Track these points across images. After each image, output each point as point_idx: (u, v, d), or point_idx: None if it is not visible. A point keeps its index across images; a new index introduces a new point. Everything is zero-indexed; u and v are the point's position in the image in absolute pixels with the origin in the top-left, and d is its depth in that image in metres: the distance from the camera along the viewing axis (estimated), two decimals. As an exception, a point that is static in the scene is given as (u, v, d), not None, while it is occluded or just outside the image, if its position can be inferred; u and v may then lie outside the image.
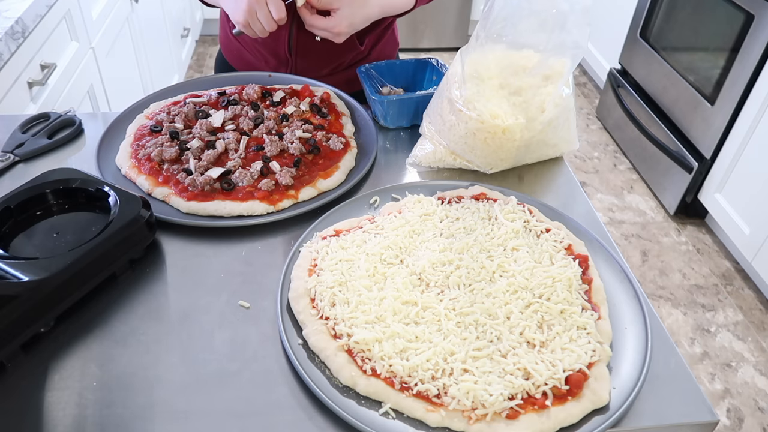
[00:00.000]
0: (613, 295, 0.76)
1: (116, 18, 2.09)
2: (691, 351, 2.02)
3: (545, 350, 0.68)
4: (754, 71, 2.07)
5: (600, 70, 3.34)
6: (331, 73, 1.25)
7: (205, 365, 0.69)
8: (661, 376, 0.68)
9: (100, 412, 0.63)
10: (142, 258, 0.81)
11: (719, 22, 2.24)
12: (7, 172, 0.95)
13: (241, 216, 0.87)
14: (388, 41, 1.31)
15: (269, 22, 0.99)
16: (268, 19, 0.99)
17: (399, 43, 1.37)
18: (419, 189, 0.92)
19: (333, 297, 0.72)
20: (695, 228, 2.51)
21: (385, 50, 1.30)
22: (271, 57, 1.22)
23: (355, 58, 1.25)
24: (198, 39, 3.74)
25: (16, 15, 1.35)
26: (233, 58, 1.29)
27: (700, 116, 2.35)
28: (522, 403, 0.63)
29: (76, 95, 1.72)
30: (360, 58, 1.25)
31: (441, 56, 3.72)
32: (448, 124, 0.95)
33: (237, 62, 1.29)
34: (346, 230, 0.83)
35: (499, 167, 0.98)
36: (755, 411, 1.84)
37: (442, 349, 0.66)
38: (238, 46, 1.26)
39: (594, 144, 3.02)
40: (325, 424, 0.63)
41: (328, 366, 0.67)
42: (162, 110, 1.05)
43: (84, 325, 0.73)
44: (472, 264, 0.77)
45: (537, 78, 0.93)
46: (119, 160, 0.95)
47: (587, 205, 0.93)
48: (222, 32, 1.30)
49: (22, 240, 0.78)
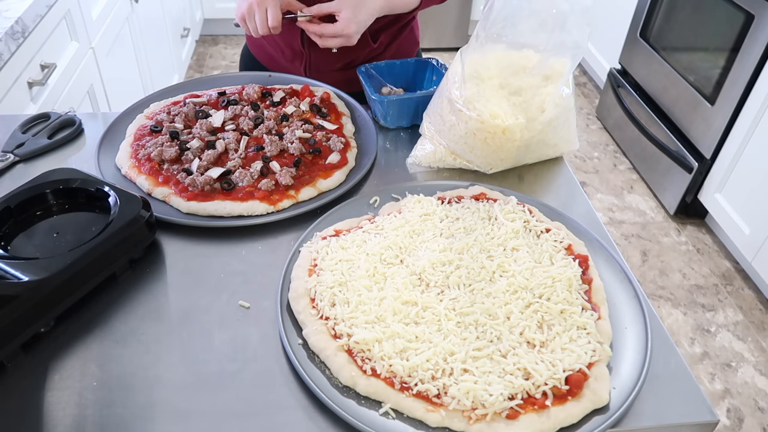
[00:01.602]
0: (613, 295, 0.76)
1: (116, 18, 2.09)
2: (691, 351, 2.02)
3: (545, 350, 0.68)
4: (754, 71, 2.07)
5: (600, 70, 3.34)
6: (344, 68, 1.25)
7: (205, 365, 0.69)
8: (661, 376, 0.68)
9: (100, 412, 0.64)
10: (142, 258, 0.81)
11: (719, 22, 2.24)
12: (7, 172, 0.95)
13: (241, 216, 0.87)
14: (406, 39, 1.30)
15: (263, 25, 1.06)
16: (262, 22, 1.05)
17: (419, 42, 1.36)
18: (419, 189, 0.92)
19: (333, 297, 0.72)
20: (695, 228, 2.51)
21: (402, 48, 1.30)
22: (287, 49, 1.25)
23: (369, 55, 1.25)
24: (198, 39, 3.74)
25: (16, 15, 1.35)
26: (257, 50, 1.34)
27: (700, 116, 2.35)
28: (522, 403, 0.63)
29: (76, 95, 1.72)
30: (374, 55, 1.26)
31: (441, 56, 3.72)
32: (448, 124, 0.95)
33: (260, 54, 1.33)
34: (346, 230, 0.83)
35: (499, 167, 0.98)
36: (755, 411, 1.84)
37: (442, 349, 0.66)
38: (260, 39, 1.30)
39: (594, 144, 3.02)
40: (325, 424, 0.63)
41: (328, 366, 0.67)
42: (162, 110, 1.05)
43: (84, 325, 0.73)
44: (472, 264, 0.77)
45: (537, 78, 0.93)
46: (119, 160, 0.95)
47: (587, 205, 0.94)
48: None
49: (22, 240, 0.78)
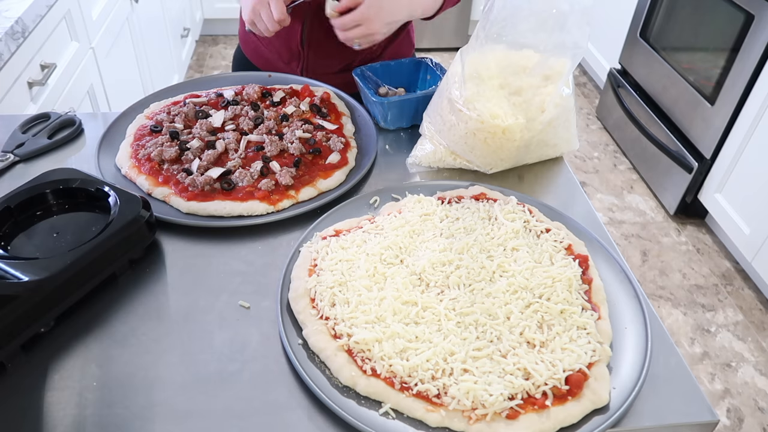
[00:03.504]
0: (613, 295, 0.76)
1: (116, 18, 2.09)
2: (691, 351, 2.02)
3: (545, 350, 0.68)
4: (754, 71, 2.07)
5: (600, 70, 3.34)
6: (342, 70, 1.25)
7: (205, 365, 0.69)
8: (661, 376, 0.68)
9: (100, 412, 0.63)
10: (142, 258, 0.81)
11: (719, 22, 2.24)
12: (7, 172, 0.95)
13: (241, 216, 0.87)
14: (402, 42, 1.31)
15: (271, 22, 1.05)
16: (269, 19, 1.04)
17: (414, 44, 1.36)
18: (419, 189, 0.92)
19: (333, 297, 0.72)
20: (695, 228, 2.51)
21: (400, 51, 1.30)
22: (284, 50, 1.25)
23: (367, 57, 1.25)
24: (198, 39, 3.74)
25: (16, 15, 1.35)
26: (250, 53, 1.33)
27: (700, 116, 2.35)
28: (522, 403, 0.63)
29: (76, 95, 1.72)
30: (372, 57, 1.26)
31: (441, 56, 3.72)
32: (448, 124, 0.95)
33: (254, 56, 1.33)
34: (346, 230, 0.83)
35: (499, 167, 0.98)
36: (755, 411, 1.84)
37: (442, 349, 0.66)
38: (255, 40, 1.30)
39: (594, 144, 3.02)
40: (325, 424, 0.63)
41: (328, 366, 0.67)
42: (162, 110, 1.05)
43: (84, 325, 0.72)
44: (472, 264, 0.77)
45: (537, 78, 0.93)
46: (119, 160, 0.95)
47: (587, 205, 0.93)
48: (241, 28, 1.34)
49: (22, 240, 0.78)
